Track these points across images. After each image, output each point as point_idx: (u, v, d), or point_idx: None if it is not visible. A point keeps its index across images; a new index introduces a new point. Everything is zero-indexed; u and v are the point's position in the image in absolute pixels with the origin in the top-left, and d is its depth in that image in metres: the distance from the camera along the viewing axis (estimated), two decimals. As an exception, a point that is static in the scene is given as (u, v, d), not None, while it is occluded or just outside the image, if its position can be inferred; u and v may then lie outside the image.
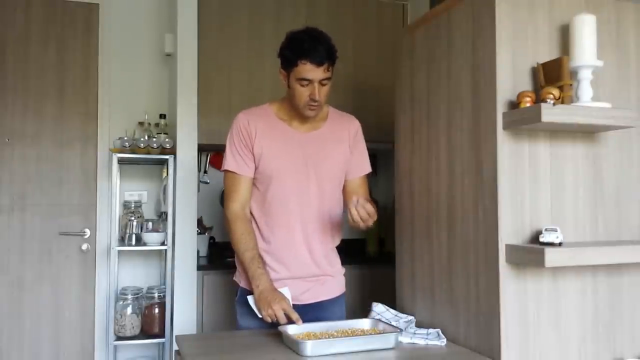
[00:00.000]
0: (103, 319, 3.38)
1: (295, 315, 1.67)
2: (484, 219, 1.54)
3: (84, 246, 3.41)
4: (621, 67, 1.66)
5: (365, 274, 3.16)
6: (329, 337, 1.60)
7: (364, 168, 2.04)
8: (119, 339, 3.10)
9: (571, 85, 1.49)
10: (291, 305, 1.73)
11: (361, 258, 3.39)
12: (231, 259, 2.03)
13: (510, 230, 1.50)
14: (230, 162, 1.90)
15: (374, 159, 2.10)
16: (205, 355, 1.55)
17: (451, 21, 1.73)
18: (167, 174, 3.23)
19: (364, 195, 2.01)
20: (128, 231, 3.24)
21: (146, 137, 3.17)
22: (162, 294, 3.20)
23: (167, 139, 3.19)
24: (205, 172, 3.61)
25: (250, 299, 1.80)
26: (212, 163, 3.62)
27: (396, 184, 2.08)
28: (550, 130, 1.54)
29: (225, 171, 1.93)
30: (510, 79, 1.52)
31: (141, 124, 3.42)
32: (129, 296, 3.14)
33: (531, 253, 1.40)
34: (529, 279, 1.51)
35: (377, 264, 3.23)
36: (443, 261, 1.75)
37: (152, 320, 3.17)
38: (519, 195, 1.51)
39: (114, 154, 3.16)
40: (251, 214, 1.93)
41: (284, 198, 1.89)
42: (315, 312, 1.85)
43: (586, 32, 1.45)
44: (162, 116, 3.40)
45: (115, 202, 3.26)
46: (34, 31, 3.39)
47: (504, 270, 1.48)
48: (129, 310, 3.11)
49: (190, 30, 3.14)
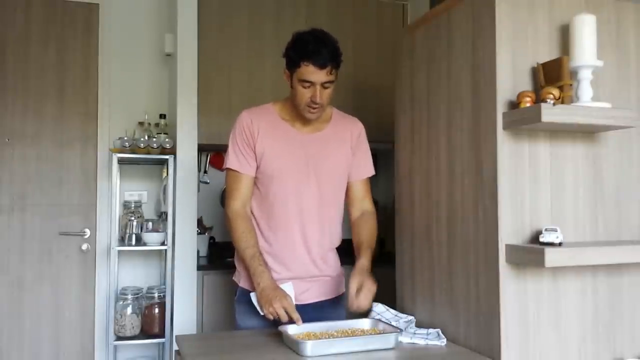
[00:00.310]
0: (103, 319, 3.38)
1: (296, 314, 1.66)
2: (484, 219, 1.54)
3: (84, 246, 3.41)
4: (621, 67, 1.66)
5: (365, 274, 3.15)
6: (329, 337, 1.60)
7: (366, 171, 2.03)
8: (119, 339, 3.10)
9: (571, 85, 1.49)
10: (294, 302, 1.73)
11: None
12: (231, 259, 2.03)
13: (510, 230, 1.50)
14: (232, 160, 1.90)
15: (374, 159, 2.09)
16: (205, 355, 1.55)
17: (451, 21, 1.73)
18: (167, 174, 3.23)
19: (364, 196, 2.02)
20: (128, 231, 3.24)
21: (146, 137, 3.17)
22: (162, 294, 3.20)
23: (167, 139, 3.19)
24: (205, 172, 3.61)
25: (252, 296, 1.80)
26: (212, 163, 3.62)
27: (396, 184, 2.08)
28: (550, 130, 1.54)
29: (227, 169, 1.93)
30: (510, 79, 1.52)
31: (141, 124, 3.43)
32: (129, 296, 3.14)
33: (531, 253, 1.40)
34: (529, 279, 1.51)
35: (377, 264, 3.21)
36: (443, 261, 1.75)
37: (152, 320, 3.17)
38: (519, 195, 1.51)
39: (114, 154, 3.16)
40: (252, 213, 1.93)
41: (284, 198, 1.88)
42: (315, 312, 1.85)
43: (586, 32, 1.45)
44: (162, 116, 3.41)
45: (115, 202, 3.26)
46: (34, 31, 3.39)
47: (504, 270, 1.48)
48: (129, 310, 3.12)
49: (190, 30, 3.14)
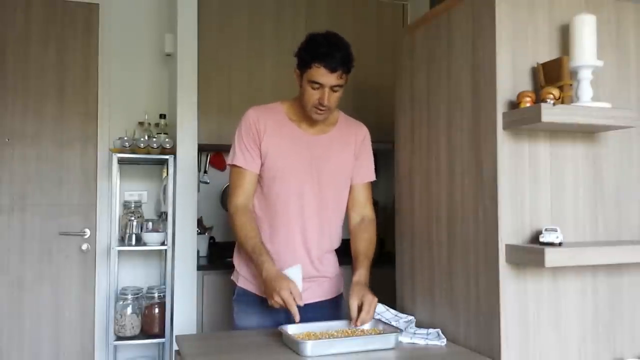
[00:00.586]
0: (103, 319, 3.38)
1: (300, 302, 1.62)
2: (484, 219, 1.54)
3: (84, 246, 3.41)
4: (621, 67, 1.66)
5: (365, 274, 3.15)
6: (329, 337, 1.60)
7: (367, 175, 2.03)
8: (119, 339, 3.10)
9: (571, 85, 1.49)
10: (300, 287, 1.68)
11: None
12: (231, 259, 2.03)
13: (510, 230, 1.50)
14: (237, 156, 1.89)
15: (374, 159, 2.09)
16: (205, 355, 1.55)
17: (451, 21, 1.73)
18: (167, 174, 3.23)
19: (366, 202, 2.01)
20: (128, 231, 3.24)
21: (146, 137, 3.17)
22: (162, 294, 3.20)
23: (167, 139, 3.19)
24: (205, 172, 3.61)
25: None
26: (212, 163, 3.62)
27: (396, 184, 2.08)
28: (550, 130, 1.54)
29: (231, 166, 1.92)
30: (510, 79, 1.52)
31: (141, 124, 3.43)
32: (129, 296, 3.14)
33: (531, 253, 1.40)
34: (529, 279, 1.51)
35: (377, 264, 3.21)
36: (443, 261, 1.75)
37: (152, 320, 3.17)
38: (519, 195, 1.51)
39: (114, 154, 3.16)
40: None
41: (286, 198, 1.88)
42: (314, 312, 1.85)
43: (586, 32, 1.45)
44: (162, 116, 3.40)
45: (115, 202, 3.26)
46: (34, 31, 3.39)
47: (504, 270, 1.48)
48: (129, 310, 3.12)
49: (190, 30, 3.14)
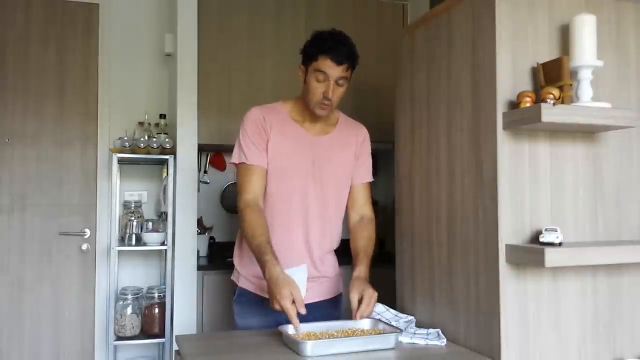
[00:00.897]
0: (103, 319, 3.38)
1: (302, 309, 1.59)
2: (484, 219, 1.54)
3: (84, 246, 3.41)
4: (621, 67, 1.66)
5: (365, 274, 3.15)
6: (329, 337, 1.60)
7: (366, 176, 2.04)
8: (119, 339, 3.10)
9: (571, 85, 1.49)
10: (304, 289, 1.64)
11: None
12: (231, 258, 2.03)
13: (510, 230, 1.50)
14: (243, 154, 1.86)
15: (374, 159, 2.09)
16: (205, 355, 1.55)
17: (451, 21, 1.73)
18: (167, 174, 3.23)
19: (365, 202, 2.02)
20: (128, 231, 3.25)
21: (146, 137, 3.17)
22: (162, 294, 3.20)
23: (167, 139, 3.19)
24: (205, 172, 3.61)
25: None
26: (212, 163, 3.62)
27: (396, 184, 2.08)
28: (550, 130, 1.54)
29: (238, 164, 1.89)
30: (510, 79, 1.52)
31: (141, 124, 3.43)
32: (129, 296, 3.14)
33: (531, 253, 1.40)
34: (529, 279, 1.51)
35: (377, 264, 3.21)
36: (443, 261, 1.75)
37: (152, 320, 3.17)
38: (519, 195, 1.51)
39: (114, 154, 3.16)
40: None
41: (288, 198, 1.89)
42: (313, 312, 1.84)
43: (586, 32, 1.45)
44: (162, 116, 3.41)
45: (115, 202, 3.26)
46: (34, 31, 3.39)
47: (504, 270, 1.48)
48: (129, 310, 3.12)
49: (190, 30, 3.14)
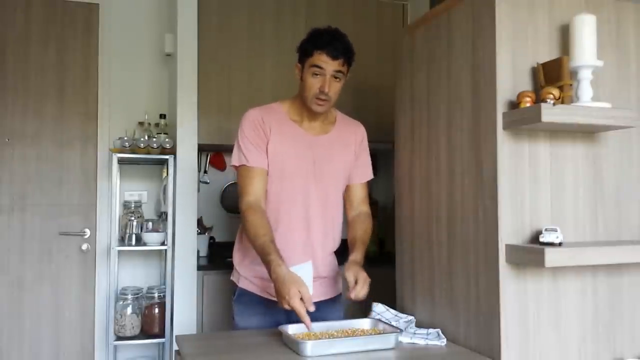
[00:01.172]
0: (103, 319, 3.38)
1: (311, 307, 1.59)
2: (484, 219, 1.54)
3: (84, 246, 3.41)
4: (621, 67, 1.66)
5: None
6: (329, 337, 1.60)
7: (366, 174, 2.05)
8: (119, 339, 3.10)
9: (571, 85, 1.49)
10: (310, 286, 1.64)
11: (361, 258, 3.38)
12: (230, 258, 2.03)
13: (510, 230, 1.50)
14: (243, 156, 1.85)
15: (374, 159, 2.09)
16: (205, 355, 1.55)
17: (451, 21, 1.73)
18: (167, 174, 3.23)
19: (362, 200, 2.04)
20: (128, 231, 3.24)
21: (146, 137, 3.17)
22: (162, 294, 3.20)
23: (167, 139, 3.19)
24: (205, 172, 3.61)
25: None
26: (212, 163, 3.62)
27: (396, 184, 2.08)
28: (550, 130, 1.54)
29: (238, 167, 1.88)
30: (510, 79, 1.52)
31: (141, 124, 3.43)
32: (129, 296, 3.14)
33: (531, 253, 1.40)
34: (529, 279, 1.51)
35: (377, 264, 3.22)
36: (443, 261, 1.75)
37: (152, 320, 3.17)
38: (519, 195, 1.51)
39: (114, 154, 3.16)
40: None
41: (289, 199, 1.88)
42: (313, 311, 1.85)
43: (586, 32, 1.45)
44: (162, 116, 3.40)
45: (115, 202, 3.26)
46: (34, 31, 3.39)
47: (504, 270, 1.48)
48: (129, 310, 3.11)
49: (190, 30, 3.14)
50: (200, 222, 3.33)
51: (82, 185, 3.44)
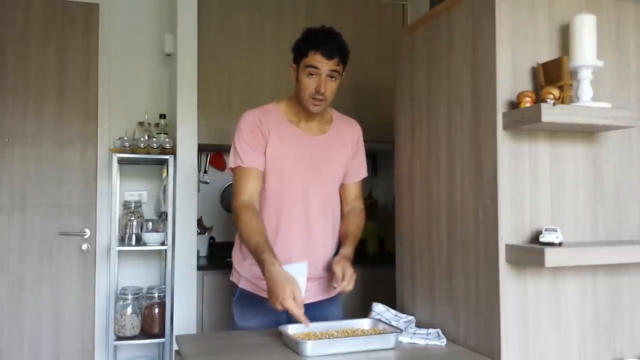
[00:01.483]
0: (103, 319, 3.38)
1: (302, 310, 1.58)
2: (484, 219, 1.54)
3: (84, 246, 3.41)
4: (621, 67, 1.66)
5: (365, 274, 3.14)
6: (329, 337, 1.60)
7: (361, 173, 2.07)
8: (119, 339, 3.10)
9: (571, 85, 1.49)
10: (304, 288, 1.63)
11: (361, 258, 3.35)
12: (230, 259, 2.03)
13: (510, 230, 1.50)
14: (239, 157, 1.85)
15: (374, 159, 2.10)
16: (205, 355, 1.55)
17: (451, 21, 1.73)
18: (167, 174, 3.23)
19: (357, 197, 2.05)
20: (128, 231, 3.24)
21: (146, 137, 3.17)
22: (162, 294, 3.20)
23: (167, 139, 3.19)
24: (205, 172, 3.61)
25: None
26: (212, 163, 3.62)
27: (396, 184, 2.08)
28: (550, 130, 1.54)
29: (234, 169, 1.88)
30: (510, 79, 1.52)
31: (141, 124, 3.43)
32: (129, 296, 3.14)
33: (531, 253, 1.40)
34: (529, 279, 1.51)
35: (377, 264, 3.23)
36: (443, 261, 1.75)
37: (152, 320, 3.17)
38: (519, 195, 1.51)
39: (114, 154, 3.16)
40: None
41: (289, 199, 1.88)
42: (313, 311, 1.85)
43: (586, 32, 1.45)
44: (162, 116, 3.40)
45: (115, 202, 3.26)
46: (34, 31, 3.39)
47: (504, 270, 1.48)
48: (129, 310, 3.11)
49: (190, 30, 3.14)
50: (200, 222, 3.33)
51: (82, 185, 3.44)
